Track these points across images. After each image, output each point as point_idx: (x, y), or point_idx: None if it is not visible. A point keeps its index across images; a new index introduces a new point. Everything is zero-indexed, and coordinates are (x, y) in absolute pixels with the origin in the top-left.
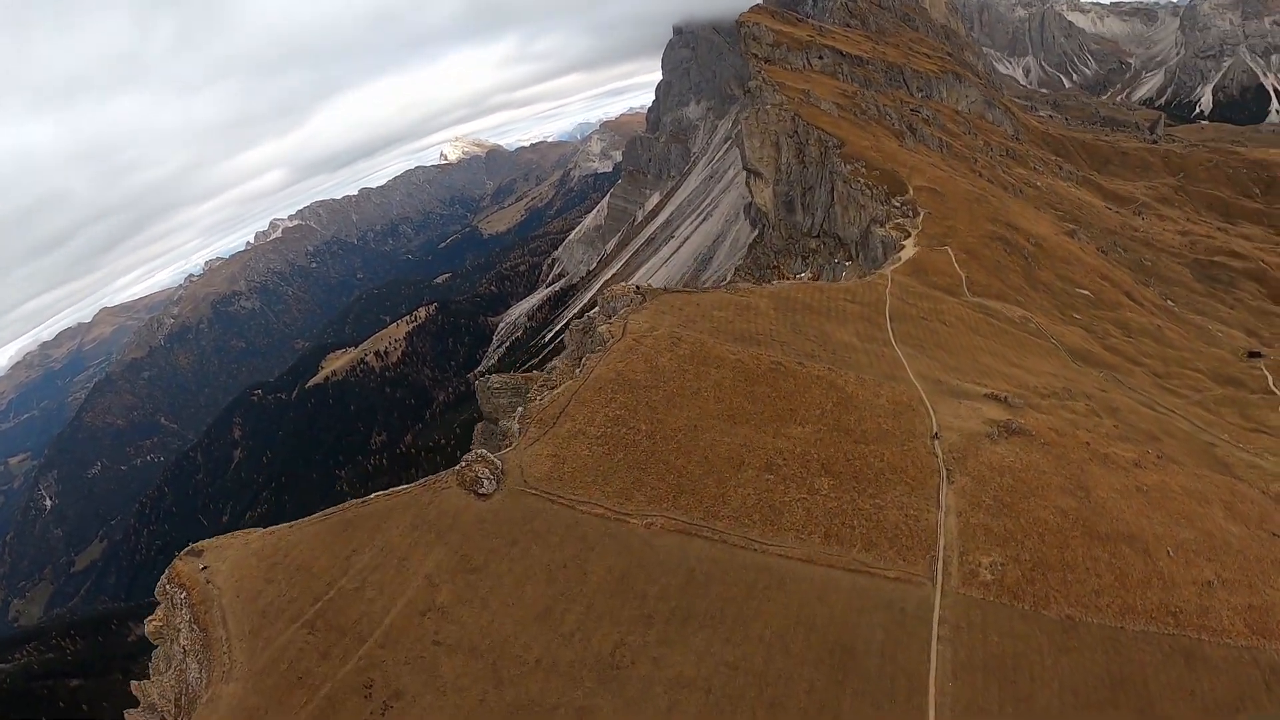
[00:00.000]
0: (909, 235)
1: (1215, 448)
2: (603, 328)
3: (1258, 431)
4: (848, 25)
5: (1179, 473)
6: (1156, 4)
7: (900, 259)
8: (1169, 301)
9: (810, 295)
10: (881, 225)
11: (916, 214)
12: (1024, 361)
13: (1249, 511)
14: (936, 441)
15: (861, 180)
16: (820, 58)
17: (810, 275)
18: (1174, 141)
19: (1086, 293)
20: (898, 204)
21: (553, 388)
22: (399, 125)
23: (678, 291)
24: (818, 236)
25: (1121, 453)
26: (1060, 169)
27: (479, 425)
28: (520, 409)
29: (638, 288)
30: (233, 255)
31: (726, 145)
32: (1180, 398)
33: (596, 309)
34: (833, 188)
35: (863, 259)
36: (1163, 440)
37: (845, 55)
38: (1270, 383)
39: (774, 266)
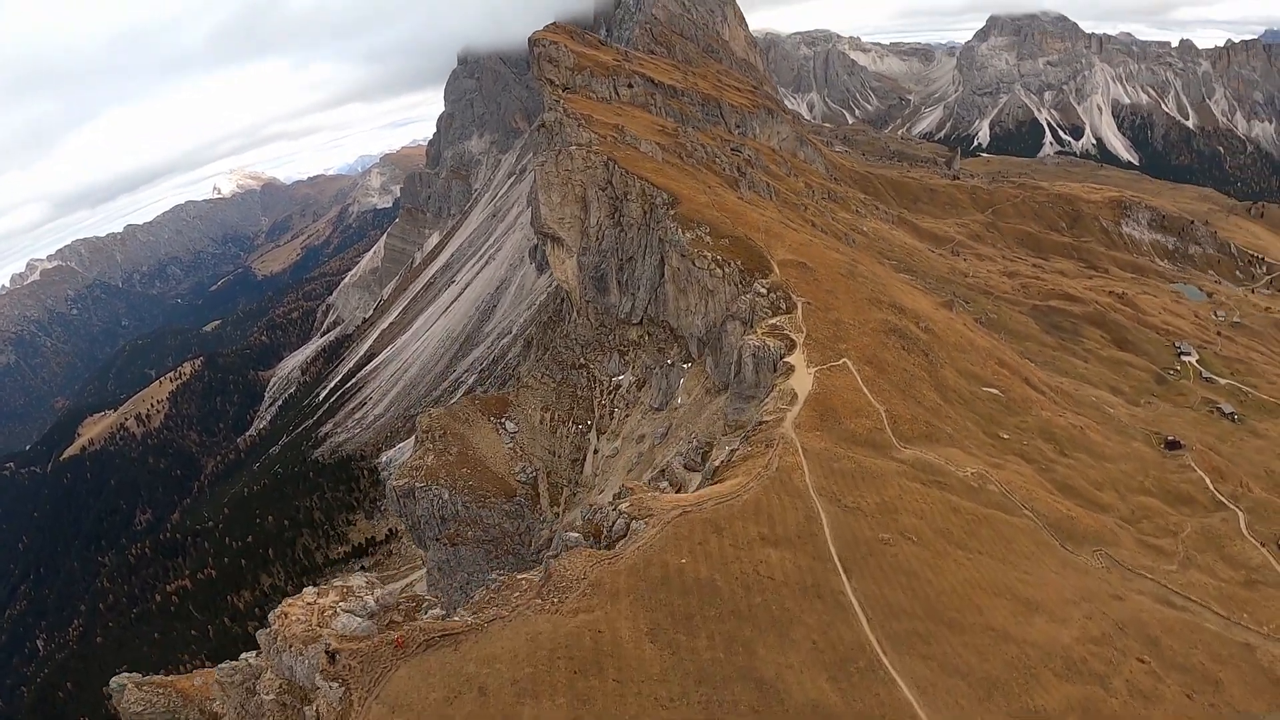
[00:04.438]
0: (793, 344)
1: (1254, 650)
2: None
3: (1253, 583)
4: (652, 53)
5: None
6: (931, 46)
7: (794, 391)
8: (1028, 360)
9: (702, 559)
10: (746, 323)
11: (792, 305)
12: (1031, 588)
13: None
14: None
15: (708, 254)
16: (630, 86)
17: (632, 379)
18: (971, 176)
19: (995, 391)
20: (764, 289)
21: None
22: (166, 156)
23: (443, 633)
24: (640, 323)
25: None
26: (876, 209)
27: None
28: None
29: (329, 650)
30: None
31: (510, 181)
32: (1166, 555)
33: (261, 653)
34: (663, 260)
35: (713, 364)
36: (1220, 677)
37: (659, 85)
38: (1213, 489)
39: (581, 365)
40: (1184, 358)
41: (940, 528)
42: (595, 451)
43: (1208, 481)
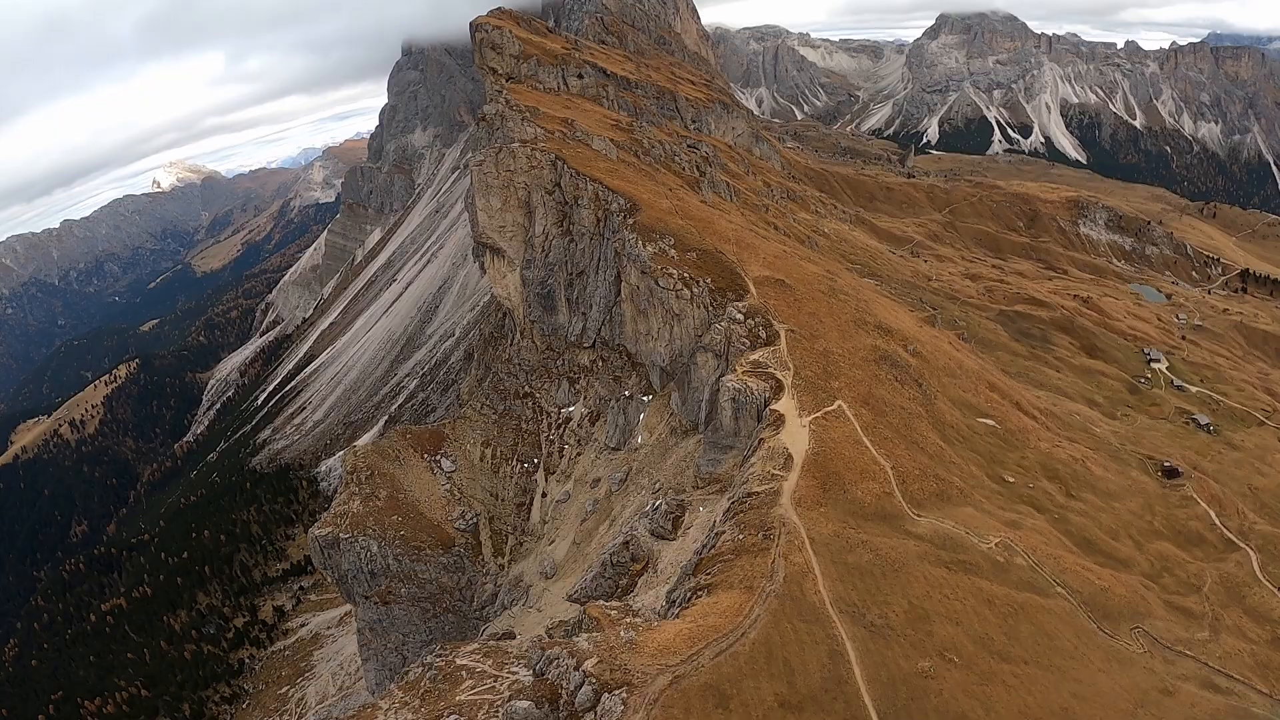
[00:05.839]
0: (780, 386)
1: None
2: None
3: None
4: (603, 43)
5: None
6: (879, 43)
7: (786, 450)
8: (1005, 372)
9: None
10: (720, 356)
11: (774, 334)
12: (1086, 704)
13: None
14: None
15: (674, 271)
16: (580, 76)
17: (585, 411)
18: (925, 174)
19: (991, 422)
20: (740, 314)
21: None
22: (102, 149)
23: None
24: (593, 346)
25: None
26: (835, 208)
27: None
28: None
29: None
30: None
31: (454, 176)
32: (1196, 619)
33: None
34: (619, 276)
35: (680, 400)
36: None
37: (611, 76)
38: (1220, 525)
39: (525, 394)
40: (1154, 364)
41: (979, 634)
42: (543, 495)
43: (1213, 516)
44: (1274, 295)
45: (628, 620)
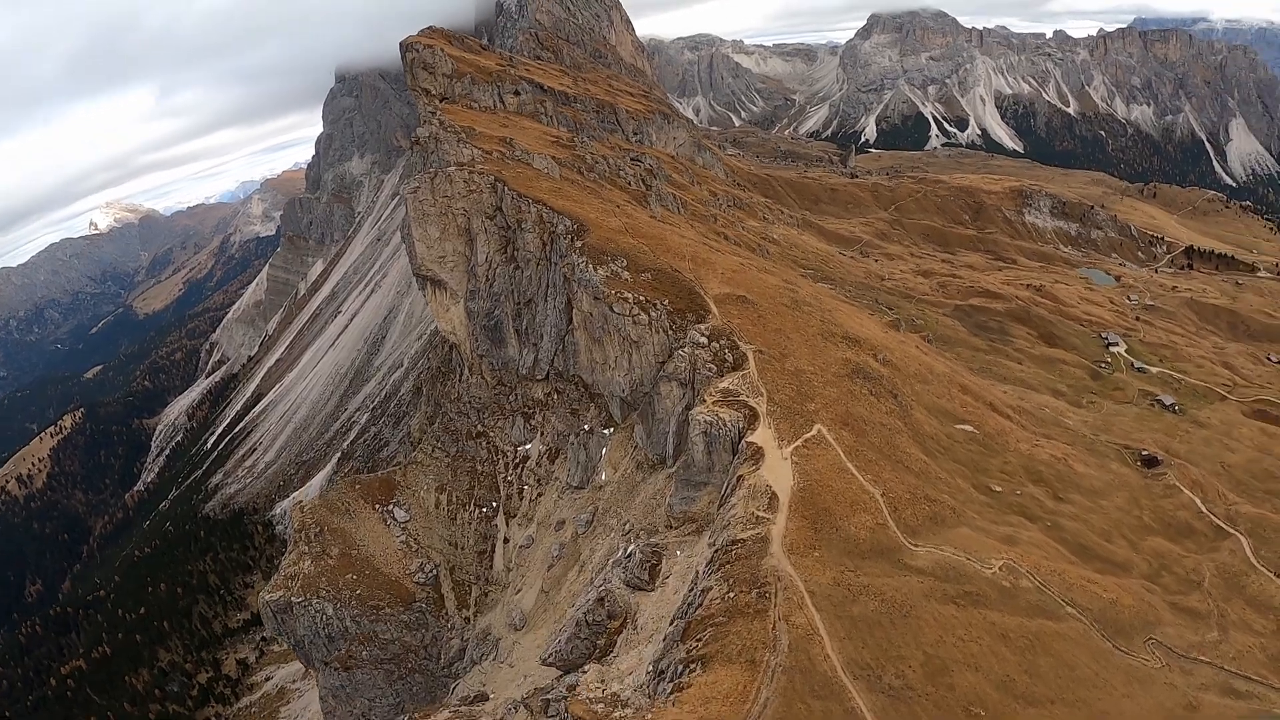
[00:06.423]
0: (755, 414)
1: None
2: None
3: None
4: (539, 58)
5: None
6: (812, 46)
7: (769, 487)
8: (968, 368)
9: None
10: (686, 385)
11: (741, 357)
12: None
13: None
14: None
15: (629, 295)
16: (517, 93)
17: (543, 449)
18: (868, 173)
19: (969, 428)
20: (703, 338)
21: None
22: (35, 193)
23: None
24: (546, 378)
25: None
26: (781, 213)
27: None
28: None
29: None
30: None
31: (394, 203)
32: (1203, 619)
33: None
34: (569, 303)
35: (644, 433)
36: None
37: (549, 91)
38: (1207, 513)
39: (478, 433)
40: (1112, 348)
41: (1000, 678)
42: (505, 540)
43: (1198, 503)
44: (1219, 269)
45: (617, 716)
